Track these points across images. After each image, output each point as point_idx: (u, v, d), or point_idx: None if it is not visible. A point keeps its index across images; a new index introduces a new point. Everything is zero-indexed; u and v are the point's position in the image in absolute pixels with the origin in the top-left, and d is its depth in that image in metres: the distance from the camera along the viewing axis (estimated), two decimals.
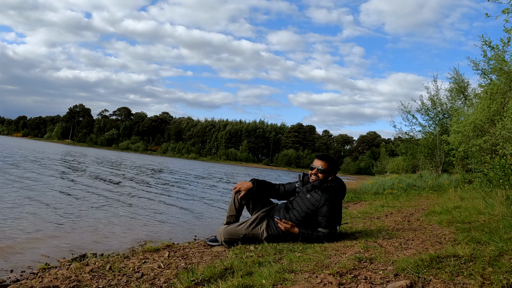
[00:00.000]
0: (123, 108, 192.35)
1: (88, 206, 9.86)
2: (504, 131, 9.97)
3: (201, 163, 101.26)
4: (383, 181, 21.34)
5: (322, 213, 5.14)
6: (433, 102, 23.54)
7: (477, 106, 14.13)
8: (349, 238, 5.45)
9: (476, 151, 12.76)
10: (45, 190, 11.83)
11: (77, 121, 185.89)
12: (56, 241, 6.16)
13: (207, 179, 28.41)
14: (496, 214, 6.18)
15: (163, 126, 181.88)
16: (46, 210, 8.71)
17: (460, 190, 11.30)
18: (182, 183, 21.34)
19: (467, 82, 21.95)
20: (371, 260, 3.92)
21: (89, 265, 4.38)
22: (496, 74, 13.25)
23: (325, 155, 5.52)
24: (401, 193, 15.57)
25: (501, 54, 11.39)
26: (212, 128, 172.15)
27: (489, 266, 3.33)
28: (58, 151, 50.13)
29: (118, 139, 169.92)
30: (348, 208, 11.20)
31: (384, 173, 51.40)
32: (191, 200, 13.55)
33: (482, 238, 4.40)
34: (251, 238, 5.33)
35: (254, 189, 5.57)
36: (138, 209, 10.26)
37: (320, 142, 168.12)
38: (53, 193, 11.51)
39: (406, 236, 5.35)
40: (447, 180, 17.15)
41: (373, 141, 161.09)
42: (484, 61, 14.26)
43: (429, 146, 22.93)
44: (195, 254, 4.98)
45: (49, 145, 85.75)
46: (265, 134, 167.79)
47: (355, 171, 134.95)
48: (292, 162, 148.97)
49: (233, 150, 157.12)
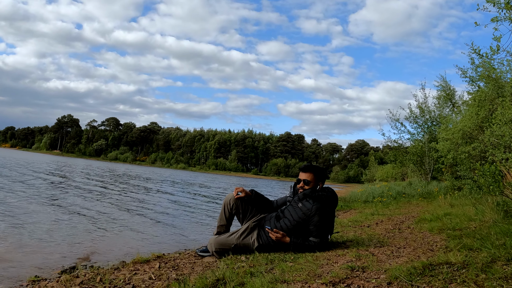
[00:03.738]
0: (111, 118, 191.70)
1: (77, 218, 9.78)
2: (493, 137, 10.01)
3: (190, 173, 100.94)
4: (372, 189, 21.33)
5: (313, 222, 5.12)
6: (421, 109, 23.61)
7: (466, 113, 14.20)
8: (341, 247, 5.43)
9: (465, 158, 12.81)
10: (33, 202, 11.72)
11: (66, 132, 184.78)
12: (45, 253, 6.09)
13: (196, 189, 28.32)
14: (487, 220, 6.19)
15: (151, 136, 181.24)
16: (35, 221, 8.62)
17: (449, 197, 11.32)
18: (171, 193, 21.25)
19: (454, 90, 22.07)
20: (363, 269, 3.90)
21: (79, 277, 4.32)
22: (484, 81, 13.33)
23: (308, 165, 5.53)
24: (391, 201, 15.57)
25: (489, 62, 11.47)
26: (201, 138, 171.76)
27: (482, 272, 3.33)
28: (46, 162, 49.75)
29: (107, 150, 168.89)
30: (339, 216, 11.18)
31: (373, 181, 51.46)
32: (180, 210, 13.48)
33: (474, 245, 4.39)
34: (242, 248, 5.29)
35: (252, 197, 5.58)
36: (128, 220, 10.18)
37: (308, 151, 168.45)
38: (41, 205, 11.40)
39: (398, 244, 5.34)
40: (436, 187, 17.18)
41: (362, 149, 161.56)
42: (472, 69, 14.36)
43: (418, 154, 22.97)
44: (186, 265, 4.93)
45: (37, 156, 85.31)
46: (254, 144, 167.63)
47: (344, 179, 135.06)
48: (281, 171, 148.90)
49: (222, 160, 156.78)
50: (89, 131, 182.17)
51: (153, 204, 14.83)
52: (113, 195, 16.71)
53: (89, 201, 13.43)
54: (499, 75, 12.18)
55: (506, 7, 6.24)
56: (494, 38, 6.45)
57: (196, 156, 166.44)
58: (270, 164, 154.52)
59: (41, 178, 21.79)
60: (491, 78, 12.14)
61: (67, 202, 12.55)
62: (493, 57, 7.38)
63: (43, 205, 11.41)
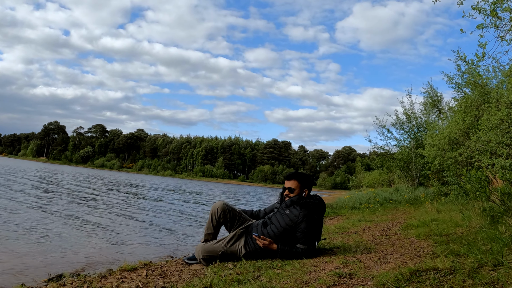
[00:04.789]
0: (98, 125, 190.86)
1: (64, 225, 9.70)
2: (479, 143, 10.08)
3: (177, 180, 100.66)
4: (359, 195, 21.39)
5: (300, 229, 5.12)
6: (407, 116, 23.76)
7: (452, 120, 14.29)
8: (328, 253, 5.42)
9: (452, 164, 12.89)
10: (19, 209, 11.61)
11: (52, 139, 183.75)
12: (32, 261, 6.04)
13: (183, 196, 28.24)
14: (473, 226, 6.21)
15: (138, 143, 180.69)
16: (21, 229, 8.53)
17: (436, 202, 11.37)
18: (158, 201, 21.18)
19: (440, 96, 22.21)
20: (350, 276, 3.89)
21: (66, 285, 4.29)
22: (470, 88, 13.44)
23: (292, 173, 5.56)
24: (378, 207, 15.60)
25: (475, 68, 11.56)
26: (188, 145, 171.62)
27: (469, 278, 3.33)
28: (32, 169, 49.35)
29: (94, 157, 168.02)
30: (326, 223, 11.18)
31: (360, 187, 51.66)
32: (168, 218, 13.42)
33: (460, 251, 4.41)
34: (230, 255, 5.27)
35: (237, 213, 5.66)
36: (115, 228, 10.12)
37: (295, 158, 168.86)
38: (27, 212, 11.30)
39: (385, 250, 5.34)
40: (423, 193, 17.26)
41: (349, 155, 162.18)
42: (458, 75, 14.48)
43: (404, 160, 23.10)
44: (173, 273, 4.89)
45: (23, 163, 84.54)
46: (241, 151, 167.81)
47: (331, 186, 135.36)
48: (268, 178, 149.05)
49: (209, 167, 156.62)
50: (76, 138, 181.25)
51: (140, 211, 14.76)
52: (100, 202, 16.60)
53: (75, 208, 13.32)
54: (485, 82, 12.28)
55: (492, 14, 6.31)
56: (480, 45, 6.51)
57: (183, 163, 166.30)
58: (257, 171, 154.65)
59: (29, 185, 21.61)
60: (477, 85, 12.25)
61: (53, 209, 12.44)
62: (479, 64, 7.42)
63: (29, 212, 11.30)
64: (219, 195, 37.03)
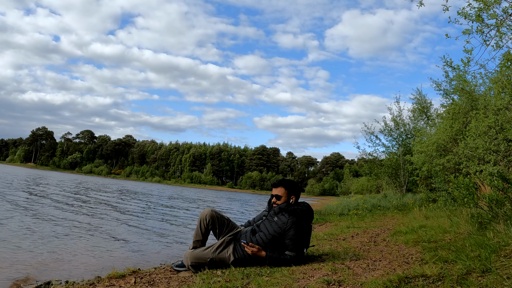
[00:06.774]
0: (86, 131, 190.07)
1: (52, 232, 9.61)
2: (467, 150, 10.13)
3: (165, 186, 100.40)
4: (347, 201, 21.43)
5: (289, 236, 5.12)
6: (396, 123, 23.89)
7: (440, 126, 14.36)
8: (316, 260, 5.41)
9: (440, 170, 12.94)
10: (6, 216, 11.50)
11: (40, 144, 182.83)
12: (19, 268, 5.98)
13: (172, 203, 28.15)
14: (461, 232, 6.23)
15: (126, 149, 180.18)
16: (10, 235, 8.45)
17: (424, 209, 11.41)
18: (146, 208, 21.08)
19: (429, 103, 22.32)
20: (339, 283, 3.89)
21: None
22: (458, 94, 13.51)
23: (279, 180, 5.56)
24: (366, 213, 15.62)
25: (462, 75, 11.64)
26: (176, 151, 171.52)
27: (458, 285, 3.34)
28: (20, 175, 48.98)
29: (82, 163, 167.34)
30: (314, 229, 11.17)
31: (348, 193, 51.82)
32: (156, 225, 13.35)
33: (449, 257, 4.41)
34: (218, 262, 5.25)
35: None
36: (102, 235, 10.05)
37: (284, 164, 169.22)
38: (14, 219, 11.19)
39: (373, 257, 5.34)
40: (411, 199, 17.32)
41: (337, 162, 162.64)
42: (446, 82, 14.57)
43: (392, 166, 23.19)
44: (161, 280, 4.86)
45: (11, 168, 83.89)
46: (230, 157, 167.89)
47: (319, 192, 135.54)
48: (256, 185, 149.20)
49: (197, 173, 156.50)
50: (64, 144, 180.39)
51: (128, 218, 14.67)
52: (88, 209, 16.49)
53: (63, 214, 13.21)
54: (473, 88, 12.36)
55: (477, 20, 6.36)
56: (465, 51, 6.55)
57: (171, 169, 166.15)
58: (245, 178, 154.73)
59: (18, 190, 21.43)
60: (464, 91, 12.32)
61: (41, 215, 12.34)
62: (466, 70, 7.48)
63: (16, 217, 11.20)
64: (208, 202, 36.93)
